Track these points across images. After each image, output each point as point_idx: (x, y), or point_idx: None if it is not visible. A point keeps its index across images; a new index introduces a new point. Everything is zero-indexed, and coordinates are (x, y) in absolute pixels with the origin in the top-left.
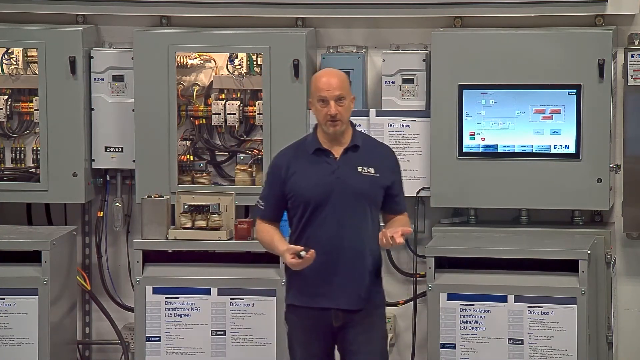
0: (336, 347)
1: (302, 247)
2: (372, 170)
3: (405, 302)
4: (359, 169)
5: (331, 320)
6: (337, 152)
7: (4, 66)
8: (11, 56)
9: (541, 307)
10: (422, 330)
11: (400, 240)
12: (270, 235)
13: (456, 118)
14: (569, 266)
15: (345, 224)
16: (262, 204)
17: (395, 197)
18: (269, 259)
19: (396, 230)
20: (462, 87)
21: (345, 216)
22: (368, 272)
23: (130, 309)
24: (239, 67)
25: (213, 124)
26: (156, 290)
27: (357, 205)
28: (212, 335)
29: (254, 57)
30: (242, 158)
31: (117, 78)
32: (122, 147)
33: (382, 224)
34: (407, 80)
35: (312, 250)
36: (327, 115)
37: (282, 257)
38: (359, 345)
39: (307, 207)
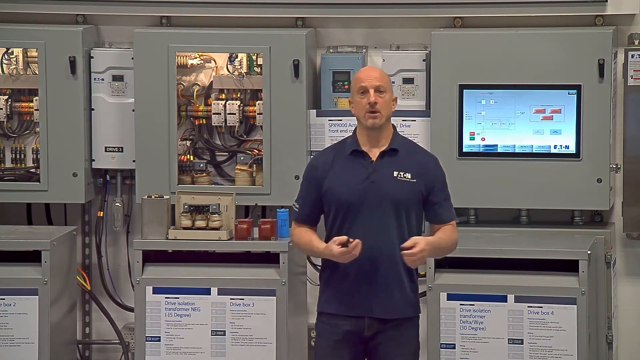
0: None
1: (344, 237)
2: (408, 175)
3: None
4: (395, 173)
5: (364, 329)
6: (374, 154)
7: (4, 66)
8: (11, 56)
9: (541, 307)
10: (422, 330)
11: (411, 260)
12: (308, 238)
13: (456, 118)
14: (569, 266)
15: (379, 230)
16: (297, 206)
17: (434, 204)
18: (269, 259)
19: (408, 253)
20: (462, 87)
21: (380, 222)
22: (402, 281)
23: (130, 309)
24: (239, 67)
25: (213, 124)
26: (156, 290)
27: (391, 211)
28: (212, 335)
29: (254, 57)
30: (242, 158)
31: (117, 78)
32: (122, 147)
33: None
34: (407, 80)
35: (358, 240)
36: (367, 105)
37: (325, 254)
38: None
39: (339, 211)
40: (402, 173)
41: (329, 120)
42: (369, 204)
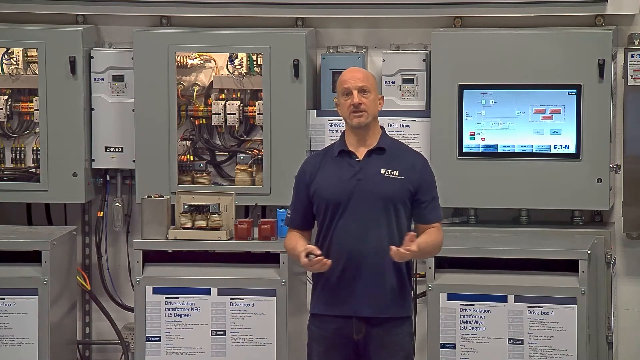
0: None
1: (314, 248)
2: (396, 172)
3: None
4: (383, 171)
5: (352, 331)
6: (362, 153)
7: (4, 66)
8: (11, 56)
9: (541, 307)
10: (422, 330)
11: (402, 253)
12: (294, 242)
13: (456, 118)
14: (569, 266)
15: (367, 227)
16: (290, 212)
17: (421, 204)
18: (269, 259)
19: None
20: (462, 87)
21: (367, 219)
22: (391, 280)
23: (130, 309)
24: (239, 67)
25: (213, 124)
26: (156, 290)
27: (380, 208)
28: (212, 335)
29: (254, 57)
30: (242, 158)
31: (117, 78)
32: (122, 147)
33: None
34: (407, 80)
35: (327, 261)
36: (351, 106)
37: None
38: None
39: (328, 209)
40: (389, 170)
41: (329, 120)
42: (356, 201)
